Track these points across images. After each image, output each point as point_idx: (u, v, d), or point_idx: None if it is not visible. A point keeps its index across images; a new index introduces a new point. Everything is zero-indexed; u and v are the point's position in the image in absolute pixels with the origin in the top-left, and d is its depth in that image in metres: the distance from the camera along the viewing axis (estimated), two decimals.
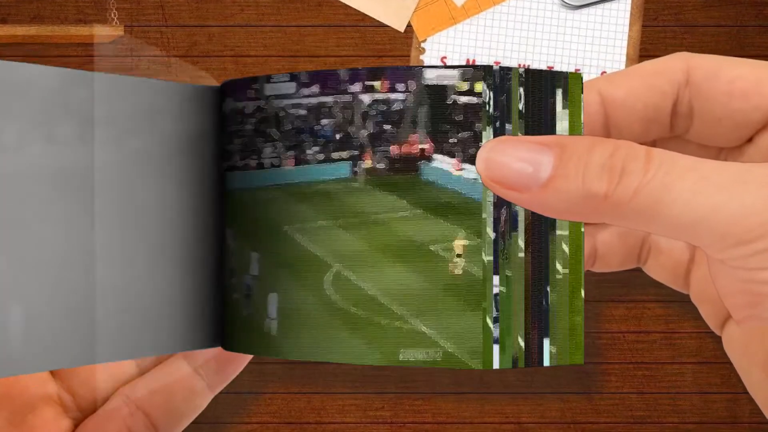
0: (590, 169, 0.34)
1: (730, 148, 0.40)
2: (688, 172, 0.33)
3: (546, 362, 0.38)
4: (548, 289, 0.38)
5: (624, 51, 1.14)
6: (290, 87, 0.40)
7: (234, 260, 0.42)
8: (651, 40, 1.15)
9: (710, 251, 0.34)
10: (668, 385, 1.17)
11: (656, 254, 0.42)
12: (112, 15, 1.16)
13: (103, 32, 1.15)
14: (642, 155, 0.34)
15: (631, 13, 1.14)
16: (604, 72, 1.14)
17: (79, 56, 1.16)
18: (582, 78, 0.38)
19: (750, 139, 0.39)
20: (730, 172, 0.33)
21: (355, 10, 1.15)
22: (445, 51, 1.15)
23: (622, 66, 1.14)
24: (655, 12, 1.15)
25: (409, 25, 1.15)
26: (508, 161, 0.34)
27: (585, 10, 1.14)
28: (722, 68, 0.38)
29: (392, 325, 0.38)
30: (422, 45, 1.15)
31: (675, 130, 0.40)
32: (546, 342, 0.37)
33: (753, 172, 0.33)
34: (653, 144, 0.41)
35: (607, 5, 1.14)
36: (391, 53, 1.16)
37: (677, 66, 0.39)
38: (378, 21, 1.15)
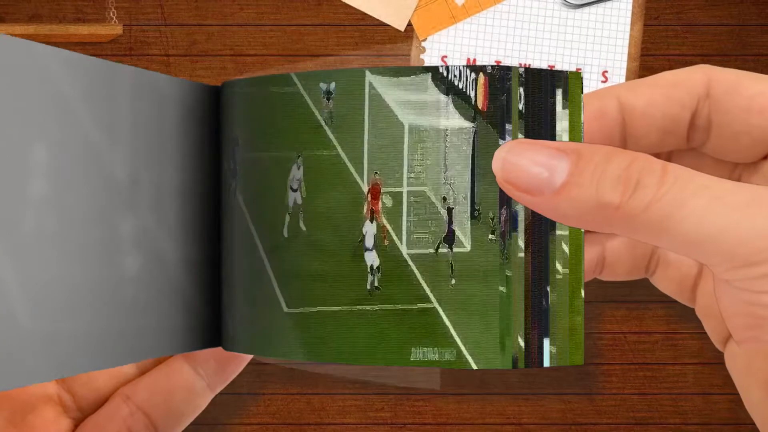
0: (605, 178, 0.34)
1: (746, 164, 0.40)
2: (702, 190, 0.33)
3: (546, 363, 0.37)
4: (548, 289, 0.38)
5: (625, 50, 1.13)
6: None
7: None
8: (652, 39, 1.15)
9: (717, 270, 0.34)
10: (670, 386, 1.17)
11: (664, 266, 0.42)
12: (111, 14, 1.15)
13: (102, 31, 1.14)
14: (658, 169, 0.34)
15: (633, 12, 1.13)
16: (606, 72, 1.13)
17: None
18: (582, 77, 0.38)
19: (766, 156, 0.39)
20: (745, 194, 0.33)
21: (355, 9, 1.15)
22: (445, 50, 1.15)
23: (624, 65, 1.13)
24: (657, 11, 1.15)
25: (409, 24, 1.15)
26: (525, 164, 0.34)
27: (586, 9, 1.13)
28: (743, 83, 0.38)
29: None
30: (423, 44, 1.15)
31: (692, 142, 0.40)
32: (546, 342, 0.37)
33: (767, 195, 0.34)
34: (669, 156, 0.41)
35: (608, 4, 1.13)
36: (392, 52, 1.15)
37: (698, 78, 0.39)
38: (378, 20, 1.15)
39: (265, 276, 0.40)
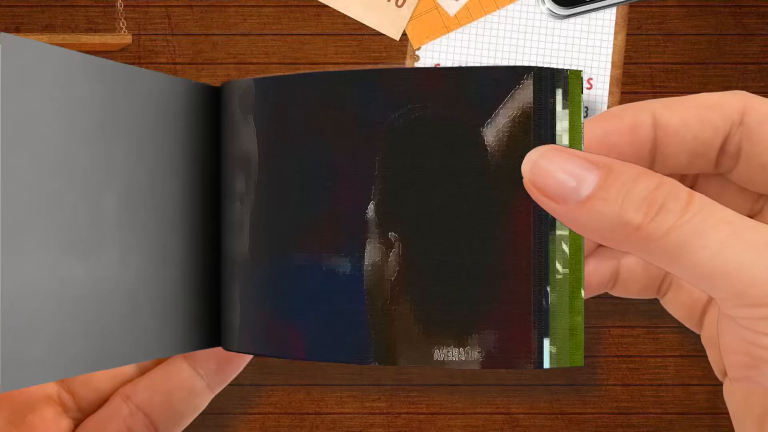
0: (631, 197, 0.32)
1: None
2: (723, 224, 0.32)
3: (546, 364, 0.36)
4: (548, 289, 0.36)
5: (609, 58, 1.13)
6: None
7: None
8: (635, 48, 1.14)
9: (723, 305, 0.33)
10: (651, 377, 1.17)
11: (676, 290, 0.41)
12: (121, 24, 1.15)
13: (112, 41, 1.14)
14: (684, 197, 0.32)
15: (616, 23, 1.13)
16: (590, 78, 1.13)
17: None
18: (582, 77, 0.36)
19: None
20: (765, 233, 0.32)
21: (352, 19, 1.14)
22: (438, 58, 1.14)
23: (608, 72, 1.13)
24: (639, 21, 1.14)
25: (404, 34, 1.14)
26: (554, 170, 0.33)
27: (572, 20, 1.13)
28: None
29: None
30: (417, 53, 1.14)
31: (719, 168, 0.38)
32: (546, 342, 0.36)
33: None
34: (695, 179, 0.40)
35: (593, 15, 1.13)
36: (387, 61, 1.15)
37: (734, 103, 0.37)
38: (374, 30, 1.14)
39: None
